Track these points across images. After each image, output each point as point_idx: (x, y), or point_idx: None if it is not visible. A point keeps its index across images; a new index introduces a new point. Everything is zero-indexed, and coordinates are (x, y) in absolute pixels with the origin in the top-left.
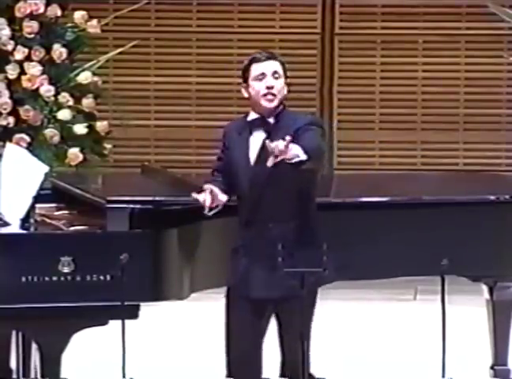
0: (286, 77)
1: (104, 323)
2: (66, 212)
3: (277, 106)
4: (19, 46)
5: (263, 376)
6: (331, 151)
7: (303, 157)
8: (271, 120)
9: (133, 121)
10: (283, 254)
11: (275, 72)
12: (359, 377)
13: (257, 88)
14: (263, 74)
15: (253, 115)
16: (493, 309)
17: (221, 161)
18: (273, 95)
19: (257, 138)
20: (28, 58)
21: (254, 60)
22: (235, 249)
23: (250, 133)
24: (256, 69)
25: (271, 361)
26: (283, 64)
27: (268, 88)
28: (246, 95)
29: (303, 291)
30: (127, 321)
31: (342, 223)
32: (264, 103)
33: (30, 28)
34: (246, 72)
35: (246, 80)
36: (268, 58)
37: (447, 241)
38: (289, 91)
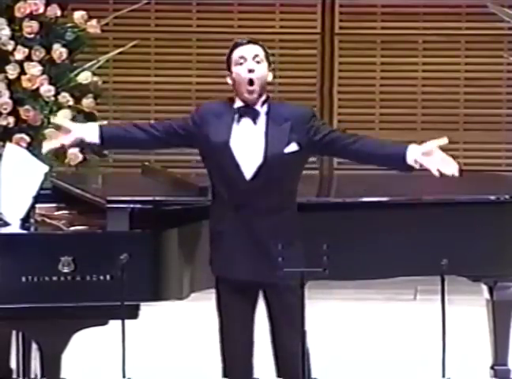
0: (269, 64)
1: (104, 323)
2: (66, 212)
3: (260, 95)
4: (19, 46)
5: (259, 376)
6: None
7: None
8: (258, 108)
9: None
10: (273, 242)
11: (256, 55)
12: (359, 377)
13: (238, 72)
14: (243, 58)
15: (239, 103)
16: (493, 309)
17: (183, 128)
18: (254, 82)
19: (244, 126)
20: (28, 58)
21: (235, 45)
22: (219, 232)
23: (234, 120)
24: (237, 53)
25: (267, 361)
26: (265, 51)
27: (249, 71)
28: (230, 82)
29: (289, 280)
30: (127, 321)
31: (342, 223)
32: (245, 94)
33: (30, 28)
34: (228, 59)
35: (229, 67)
36: (249, 42)
37: (447, 241)
38: (285, 91)
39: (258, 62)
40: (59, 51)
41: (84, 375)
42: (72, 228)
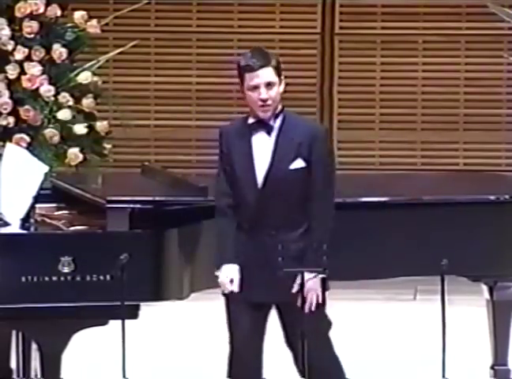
0: (280, 76)
1: (104, 323)
2: (66, 212)
3: (274, 112)
4: (19, 46)
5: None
6: None
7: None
8: (271, 122)
9: (133, 121)
10: (286, 260)
11: (268, 83)
12: (359, 377)
13: (251, 98)
14: (256, 86)
15: (252, 119)
16: (493, 309)
17: (222, 164)
18: (268, 105)
19: (259, 141)
20: (28, 58)
21: (247, 69)
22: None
23: (251, 136)
24: (249, 79)
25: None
26: (276, 67)
27: (261, 100)
28: (243, 96)
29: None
30: (127, 321)
31: (342, 223)
32: (260, 113)
33: (30, 28)
34: (240, 76)
35: (241, 82)
36: (261, 67)
37: (447, 241)
38: (285, 91)
39: (271, 87)
40: (59, 51)
41: (84, 375)
42: (72, 228)
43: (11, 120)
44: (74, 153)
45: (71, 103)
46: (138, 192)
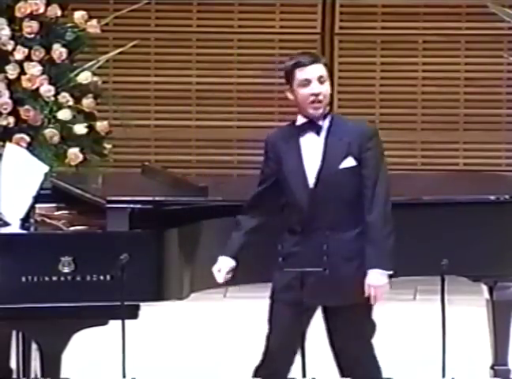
0: (329, 77)
1: (104, 323)
2: (66, 212)
3: (324, 111)
4: (19, 46)
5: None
6: None
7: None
8: (320, 122)
9: (133, 121)
10: (339, 263)
11: (320, 76)
12: None
13: (303, 94)
14: (308, 80)
15: (301, 119)
16: (493, 309)
17: (267, 172)
18: (320, 101)
19: (308, 141)
20: (28, 58)
21: (298, 64)
22: (286, 255)
23: (300, 137)
24: (301, 75)
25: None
26: (326, 65)
27: (314, 94)
28: (291, 97)
29: (356, 298)
30: (127, 321)
31: None
32: (311, 110)
33: (30, 28)
34: (289, 75)
35: (289, 83)
36: (312, 62)
37: (447, 241)
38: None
39: (322, 82)
40: (59, 51)
41: (84, 375)
42: (72, 228)
43: (11, 120)
44: (74, 153)
45: (71, 103)
46: (138, 192)
